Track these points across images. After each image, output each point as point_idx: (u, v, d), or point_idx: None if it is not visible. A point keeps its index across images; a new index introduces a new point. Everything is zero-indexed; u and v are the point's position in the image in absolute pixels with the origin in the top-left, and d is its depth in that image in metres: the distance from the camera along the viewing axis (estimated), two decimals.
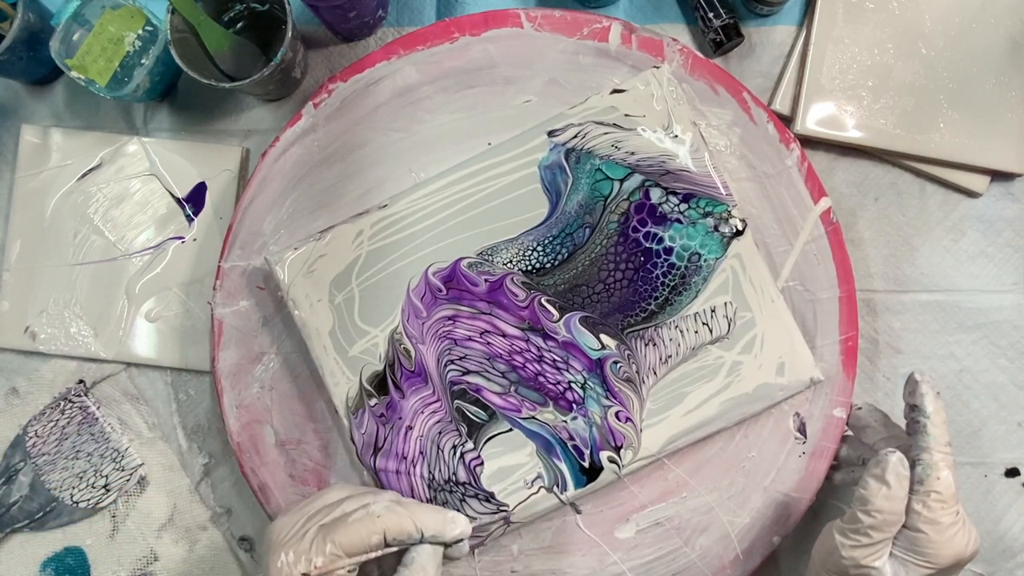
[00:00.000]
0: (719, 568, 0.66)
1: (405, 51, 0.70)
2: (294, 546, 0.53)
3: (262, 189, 0.70)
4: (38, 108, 0.76)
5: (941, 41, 0.71)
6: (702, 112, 0.69)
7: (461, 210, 0.67)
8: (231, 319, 0.69)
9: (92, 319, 0.73)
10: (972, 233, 0.72)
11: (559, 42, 0.70)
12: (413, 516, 0.55)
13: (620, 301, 0.66)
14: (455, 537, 0.56)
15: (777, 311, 0.66)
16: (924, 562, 0.54)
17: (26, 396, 0.74)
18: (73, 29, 0.68)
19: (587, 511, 0.67)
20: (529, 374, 0.65)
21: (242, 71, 0.70)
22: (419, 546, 0.55)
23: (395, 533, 0.54)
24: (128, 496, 0.73)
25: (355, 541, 0.53)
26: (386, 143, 0.70)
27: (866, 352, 0.72)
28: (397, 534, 0.54)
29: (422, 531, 0.55)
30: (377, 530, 0.54)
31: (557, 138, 0.67)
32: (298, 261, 0.67)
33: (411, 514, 0.55)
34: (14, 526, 0.72)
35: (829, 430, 0.67)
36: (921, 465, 0.55)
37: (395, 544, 0.55)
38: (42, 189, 0.74)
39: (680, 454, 0.66)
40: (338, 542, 0.53)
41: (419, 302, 0.66)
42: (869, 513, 0.53)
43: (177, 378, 0.74)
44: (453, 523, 0.57)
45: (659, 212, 0.66)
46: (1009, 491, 0.71)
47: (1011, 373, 0.71)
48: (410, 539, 0.55)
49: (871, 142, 0.70)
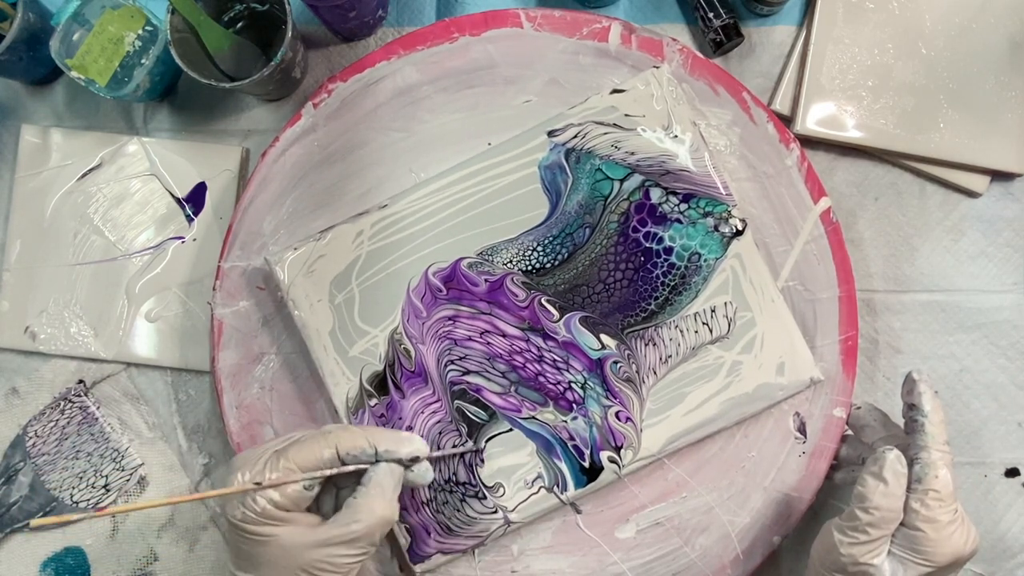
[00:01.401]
0: (719, 568, 0.66)
1: (405, 51, 0.70)
2: (250, 467, 0.53)
3: (262, 189, 0.70)
4: (38, 108, 0.76)
5: (941, 41, 0.71)
6: (702, 112, 0.69)
7: (461, 210, 0.67)
8: (231, 319, 0.69)
9: (92, 319, 0.73)
10: (972, 233, 0.72)
11: (559, 42, 0.70)
12: (366, 433, 0.55)
13: (620, 301, 0.66)
14: (410, 454, 0.56)
15: (777, 311, 0.66)
16: (922, 560, 0.54)
17: (26, 396, 0.74)
18: (73, 29, 0.68)
19: (587, 511, 0.67)
20: (529, 374, 0.65)
21: (242, 71, 0.70)
22: (376, 465, 0.55)
23: (347, 447, 0.54)
24: (128, 496, 0.73)
25: (307, 456, 0.53)
26: (386, 143, 0.70)
27: (866, 352, 0.72)
28: (350, 448, 0.54)
29: (375, 447, 0.55)
30: (328, 444, 0.54)
31: (557, 138, 0.67)
32: (298, 261, 0.67)
33: (365, 432, 0.55)
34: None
35: (829, 430, 0.67)
36: (919, 464, 0.55)
37: (350, 460, 0.54)
38: (42, 189, 0.74)
39: (680, 454, 0.66)
40: (291, 457, 0.53)
41: (419, 302, 0.66)
42: (867, 510, 0.54)
43: (177, 378, 0.74)
44: (409, 441, 0.56)
45: (659, 212, 0.66)
46: (1009, 491, 0.71)
47: (1011, 373, 0.71)
48: (363, 454, 0.54)
49: (871, 142, 0.70)
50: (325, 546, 0.53)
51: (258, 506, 0.52)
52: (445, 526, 0.65)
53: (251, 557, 0.53)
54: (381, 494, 0.54)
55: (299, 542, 0.52)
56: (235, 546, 0.54)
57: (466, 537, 0.65)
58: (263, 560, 0.53)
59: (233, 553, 0.55)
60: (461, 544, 0.65)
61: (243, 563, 0.54)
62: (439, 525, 0.65)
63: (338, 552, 0.53)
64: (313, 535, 0.53)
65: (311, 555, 0.52)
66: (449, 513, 0.65)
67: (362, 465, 0.55)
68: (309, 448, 0.54)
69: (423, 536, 0.65)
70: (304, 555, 0.52)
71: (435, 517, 0.65)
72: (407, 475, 0.56)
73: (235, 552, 0.54)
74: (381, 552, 0.67)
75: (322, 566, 0.53)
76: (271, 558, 0.52)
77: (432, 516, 0.65)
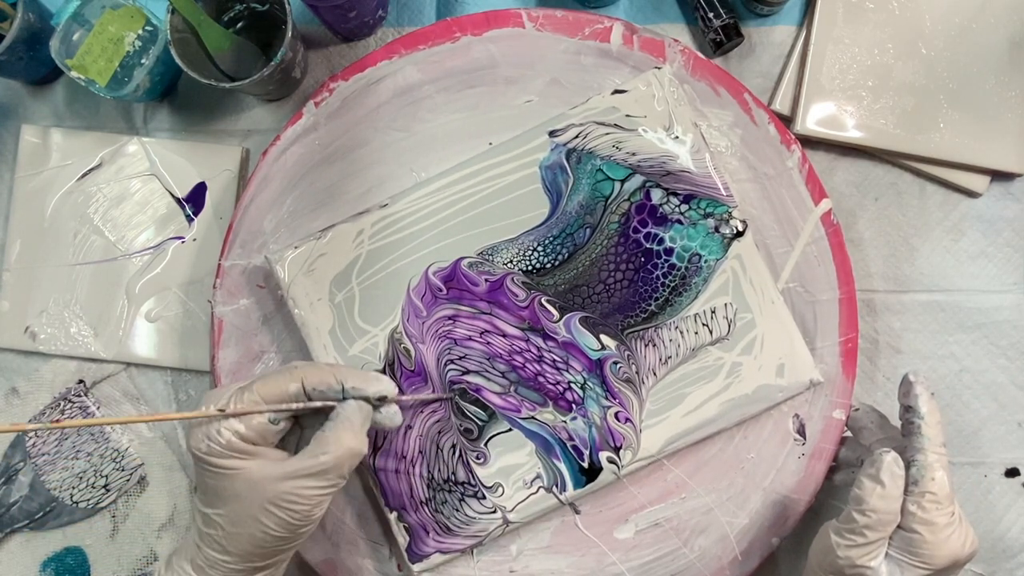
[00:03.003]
0: (718, 569, 0.66)
1: (406, 50, 0.70)
2: (215, 400, 0.53)
3: (263, 188, 0.70)
4: (38, 108, 0.76)
5: (941, 41, 0.71)
6: (703, 113, 0.69)
7: (462, 210, 0.67)
8: (231, 317, 0.70)
9: (92, 319, 0.73)
10: (972, 233, 0.72)
11: (560, 42, 0.70)
12: (333, 370, 0.55)
13: (620, 301, 0.66)
14: (378, 392, 0.55)
15: (777, 312, 0.66)
16: (920, 563, 0.54)
17: (26, 396, 0.74)
18: (73, 29, 0.68)
19: (586, 511, 0.67)
20: (529, 374, 0.65)
21: (242, 71, 0.70)
22: (344, 402, 0.55)
23: (313, 382, 0.54)
24: (128, 496, 0.73)
25: (272, 390, 0.53)
26: (387, 142, 0.70)
27: (866, 352, 0.72)
28: (316, 383, 0.54)
29: (342, 383, 0.54)
30: (295, 379, 0.54)
31: (558, 138, 0.67)
32: (298, 260, 0.67)
33: (332, 369, 0.55)
34: (14, 526, 0.72)
35: (828, 431, 0.67)
36: (916, 466, 0.55)
37: (316, 396, 0.54)
38: (42, 189, 0.74)
39: (679, 455, 0.66)
40: (256, 390, 0.53)
41: (419, 301, 0.66)
42: (864, 512, 0.54)
43: (177, 378, 0.74)
44: (377, 380, 0.56)
45: (660, 213, 0.66)
46: (1009, 491, 0.71)
47: (1011, 373, 0.71)
48: (330, 390, 0.54)
49: (871, 142, 0.70)
50: (293, 478, 0.52)
51: (223, 438, 0.52)
52: (444, 526, 0.65)
53: (218, 491, 0.53)
54: (350, 427, 0.54)
55: (266, 475, 0.52)
56: (201, 481, 0.54)
57: (465, 537, 0.65)
58: (230, 494, 0.52)
59: (200, 490, 0.54)
60: (460, 544, 0.65)
61: (210, 498, 0.53)
62: (438, 525, 0.65)
63: (307, 484, 0.52)
64: (281, 468, 0.52)
65: (279, 487, 0.52)
66: (448, 513, 0.65)
67: (329, 402, 0.55)
68: (275, 381, 0.54)
69: (421, 536, 0.65)
70: (272, 488, 0.52)
71: (434, 517, 0.65)
72: (375, 416, 0.56)
73: (202, 488, 0.54)
74: (379, 551, 0.67)
75: (291, 498, 0.52)
76: (238, 492, 0.52)
77: (431, 515, 0.65)
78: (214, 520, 0.53)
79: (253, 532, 0.52)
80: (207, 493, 0.54)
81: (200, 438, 0.52)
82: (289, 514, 0.52)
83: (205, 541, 0.54)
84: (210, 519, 0.53)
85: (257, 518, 0.52)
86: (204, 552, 0.54)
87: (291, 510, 0.52)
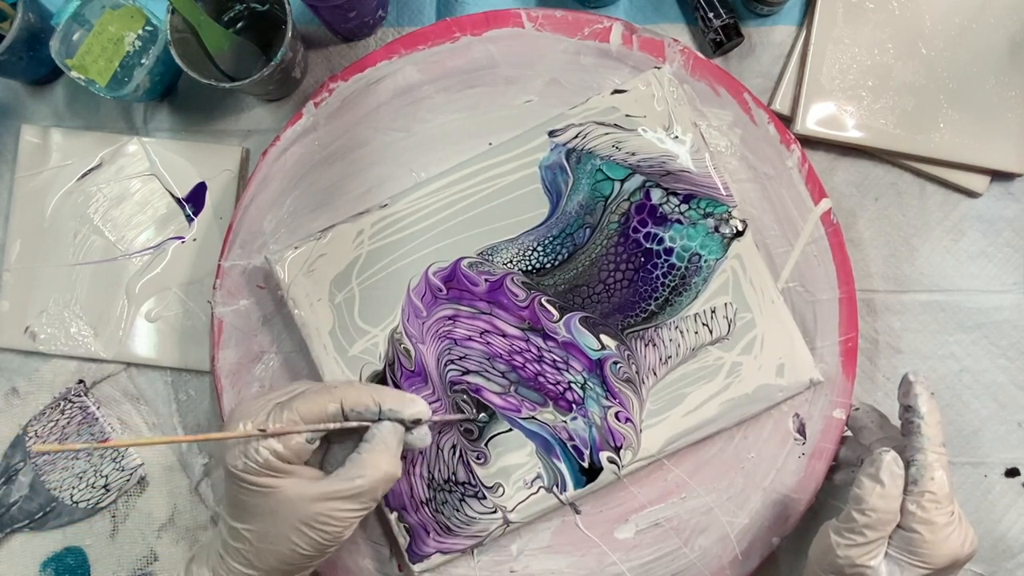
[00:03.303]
0: (718, 569, 0.66)
1: (406, 50, 0.70)
2: (252, 417, 0.53)
3: (263, 188, 0.70)
4: (38, 108, 0.76)
5: (941, 41, 0.71)
6: (703, 113, 0.69)
7: (461, 210, 0.67)
8: (231, 318, 0.69)
9: (92, 319, 0.73)
10: (972, 233, 0.72)
11: (560, 42, 0.70)
12: (371, 391, 0.55)
13: (620, 301, 0.66)
14: (414, 415, 0.56)
15: (777, 312, 0.66)
16: (920, 562, 0.54)
17: (26, 396, 0.74)
18: (73, 29, 0.68)
19: (586, 511, 0.67)
20: (529, 374, 0.65)
21: (242, 71, 0.70)
22: (380, 423, 0.55)
23: (352, 403, 0.54)
24: (128, 496, 0.73)
25: (312, 409, 0.53)
26: (387, 142, 0.70)
27: (866, 352, 0.72)
28: (354, 404, 0.54)
29: (380, 404, 0.55)
30: (334, 399, 0.54)
31: (558, 138, 0.67)
32: (298, 260, 0.67)
33: (370, 390, 0.56)
34: (14, 526, 0.72)
35: (828, 431, 0.67)
36: (915, 466, 0.55)
37: (353, 417, 0.55)
38: (42, 189, 0.74)
39: (679, 455, 0.66)
40: (295, 408, 0.53)
41: (419, 302, 0.66)
42: (864, 512, 0.54)
43: (177, 378, 0.74)
44: (413, 402, 0.56)
45: (660, 213, 0.66)
46: (1009, 491, 0.71)
47: (1011, 373, 0.71)
48: (367, 411, 0.55)
49: (871, 142, 0.70)
50: (328, 500, 0.52)
51: (260, 456, 0.52)
52: (444, 526, 0.65)
53: (250, 508, 0.53)
54: (385, 450, 0.54)
55: (301, 494, 0.52)
56: (233, 497, 0.54)
57: (465, 537, 0.65)
58: (262, 511, 0.53)
59: (230, 504, 0.54)
60: (460, 544, 0.65)
61: (240, 513, 0.53)
62: (438, 525, 0.65)
63: (340, 507, 0.53)
64: (316, 488, 0.53)
65: (313, 508, 0.52)
66: (448, 513, 0.65)
67: (364, 422, 0.55)
68: (314, 401, 0.54)
69: (422, 536, 0.65)
70: (305, 508, 0.52)
71: (434, 517, 0.65)
72: (407, 437, 0.57)
73: (233, 503, 0.54)
74: (380, 552, 0.67)
75: (323, 520, 0.53)
76: (271, 509, 0.52)
77: (431, 516, 0.65)
78: (243, 535, 0.53)
79: (282, 549, 0.53)
80: (238, 508, 0.54)
81: (237, 455, 0.52)
82: (320, 535, 0.53)
83: (230, 554, 0.54)
84: (238, 533, 0.53)
85: (288, 536, 0.52)
86: (228, 563, 0.54)
87: (323, 531, 0.53)
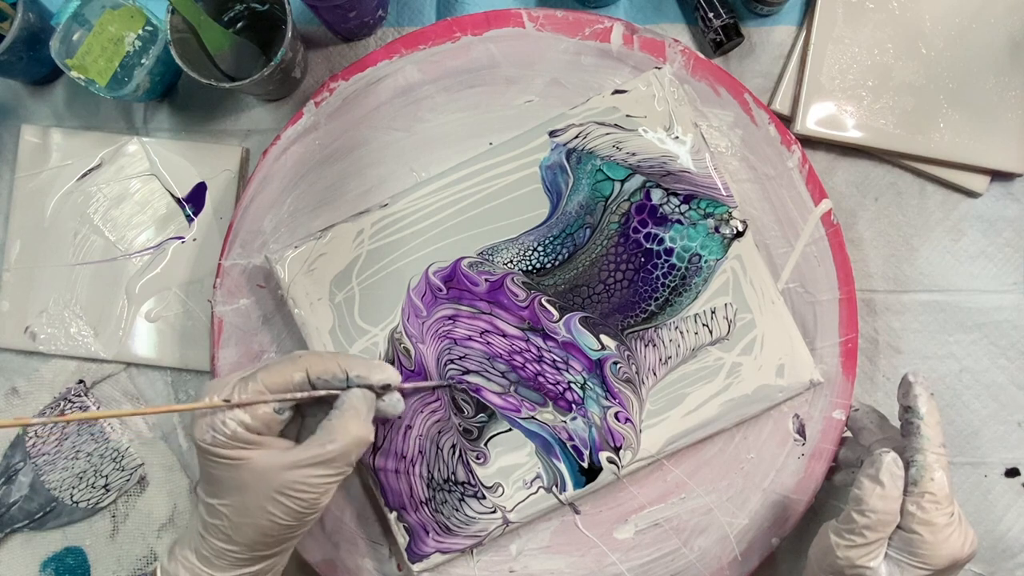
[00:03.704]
0: (717, 569, 0.66)
1: (407, 50, 0.70)
2: (219, 391, 0.53)
3: (263, 187, 0.70)
4: (38, 108, 0.76)
5: (941, 41, 0.71)
6: (703, 113, 0.69)
7: (462, 210, 0.67)
8: (231, 317, 0.70)
9: (92, 319, 0.73)
10: (972, 233, 0.72)
11: (561, 42, 0.70)
12: (337, 358, 0.55)
13: (620, 302, 0.66)
14: (382, 380, 0.56)
15: (777, 313, 0.66)
16: (920, 563, 0.54)
17: (26, 396, 0.74)
18: (73, 29, 0.68)
19: (586, 511, 0.67)
20: (529, 374, 0.65)
21: (242, 71, 0.70)
22: (349, 390, 0.55)
23: (318, 371, 0.54)
24: (128, 496, 0.73)
25: (277, 379, 0.53)
26: (387, 142, 0.70)
27: (866, 352, 0.72)
28: (321, 372, 0.54)
29: (347, 371, 0.55)
30: (299, 368, 0.54)
31: (558, 138, 0.67)
32: (298, 259, 0.67)
33: (336, 357, 0.55)
34: (14, 526, 0.72)
35: (828, 432, 0.67)
36: (915, 466, 0.55)
37: (320, 385, 0.55)
38: (42, 189, 0.74)
39: (679, 455, 0.66)
40: (260, 379, 0.53)
41: (419, 301, 0.66)
42: (864, 513, 0.54)
43: (177, 378, 0.74)
44: (380, 368, 0.56)
45: (660, 213, 0.66)
46: (1009, 491, 0.71)
47: (1011, 373, 0.71)
48: (335, 379, 0.55)
49: (871, 142, 0.70)
50: (300, 467, 0.52)
51: (228, 428, 0.52)
52: (443, 525, 0.65)
53: (223, 482, 0.53)
54: (356, 415, 0.54)
55: (273, 464, 0.52)
56: (206, 473, 0.54)
57: (464, 537, 0.65)
58: (235, 484, 0.52)
59: (205, 480, 0.54)
60: (459, 544, 0.65)
61: (215, 489, 0.53)
62: (437, 524, 0.65)
63: (314, 473, 0.53)
64: (287, 457, 0.52)
65: (286, 476, 0.52)
66: (448, 512, 0.65)
67: (333, 391, 0.55)
68: (279, 371, 0.54)
69: (421, 535, 0.65)
70: (279, 477, 0.52)
71: (434, 516, 0.65)
72: (378, 404, 0.57)
73: (206, 479, 0.54)
74: (379, 551, 0.67)
75: (298, 487, 0.52)
76: (244, 482, 0.52)
77: (431, 515, 0.65)
78: (219, 511, 0.53)
79: (260, 521, 0.52)
80: (212, 484, 0.53)
81: (204, 429, 0.52)
82: (297, 503, 0.53)
83: (210, 531, 0.54)
84: (215, 509, 0.53)
85: (264, 507, 0.52)
86: (209, 542, 0.53)
87: (299, 499, 0.53)
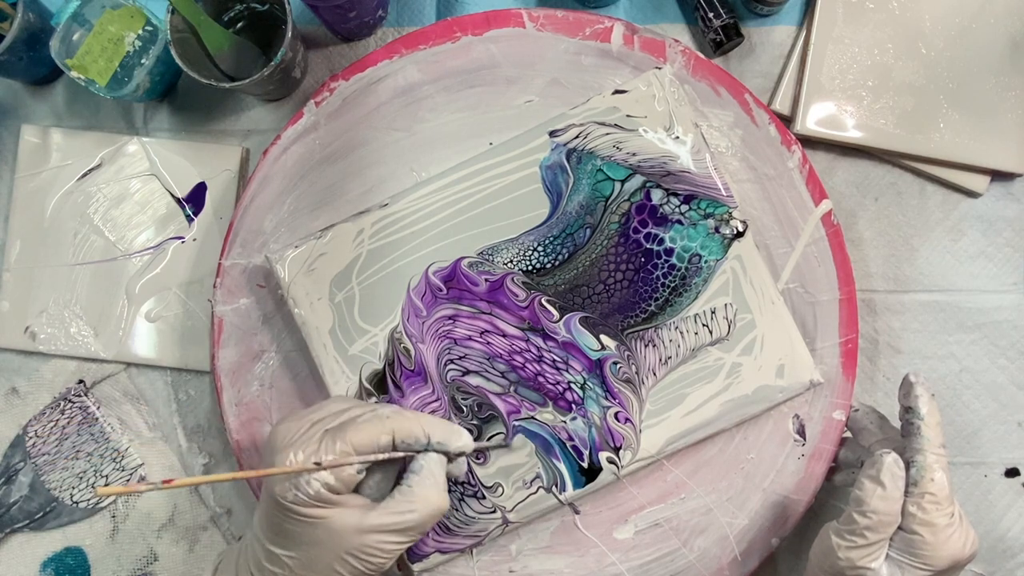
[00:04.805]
0: (717, 570, 0.66)
1: (407, 50, 0.70)
2: (303, 447, 0.52)
3: (263, 187, 0.70)
4: (38, 108, 0.76)
5: (941, 41, 0.71)
6: (704, 113, 0.69)
7: (462, 210, 0.67)
8: (231, 317, 0.70)
9: (92, 319, 0.73)
10: (972, 233, 0.72)
11: (561, 42, 0.70)
12: (420, 421, 0.55)
13: (620, 302, 0.66)
14: (460, 448, 0.56)
15: (777, 313, 0.66)
16: (920, 564, 0.54)
17: (26, 396, 0.74)
18: (73, 29, 0.68)
19: (586, 511, 0.67)
20: (529, 374, 0.65)
21: (242, 71, 0.70)
22: (427, 454, 0.55)
23: (403, 435, 0.54)
24: (128, 496, 0.73)
25: (364, 440, 0.53)
26: (387, 142, 0.70)
27: (866, 352, 0.72)
28: (405, 436, 0.54)
29: (429, 436, 0.55)
30: (386, 430, 0.54)
31: (558, 138, 0.67)
32: (299, 259, 0.67)
33: (419, 420, 0.55)
34: (14, 526, 0.72)
35: (828, 432, 0.67)
36: (915, 467, 0.55)
37: (402, 448, 0.55)
38: (42, 189, 0.74)
39: (679, 455, 0.66)
40: (348, 440, 0.52)
41: (419, 301, 0.66)
42: (864, 514, 0.54)
43: (177, 378, 0.74)
44: (458, 434, 0.56)
45: (660, 213, 0.66)
46: (1009, 491, 0.71)
47: (1011, 373, 0.71)
48: (417, 443, 0.55)
49: (871, 142, 0.70)
50: (377, 532, 0.52)
51: (311, 489, 0.51)
52: (443, 525, 0.65)
53: (294, 536, 0.52)
54: (435, 483, 0.54)
55: (349, 525, 0.52)
56: (276, 524, 0.53)
57: (464, 536, 0.65)
58: (307, 540, 0.52)
59: (271, 529, 0.54)
60: (459, 543, 0.65)
61: (282, 540, 0.53)
62: (437, 524, 0.65)
63: (389, 539, 0.53)
64: (365, 520, 0.52)
65: (360, 540, 0.52)
66: (447, 512, 0.65)
67: (411, 452, 0.55)
68: (367, 431, 0.53)
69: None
70: (353, 539, 0.52)
71: None
72: (448, 467, 0.57)
73: (274, 529, 0.53)
74: None
75: (369, 551, 0.52)
76: (317, 539, 0.52)
77: None
78: (283, 560, 0.53)
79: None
80: (280, 534, 0.53)
81: (287, 487, 0.52)
82: (365, 565, 0.53)
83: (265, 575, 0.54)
84: (278, 559, 0.53)
85: (331, 565, 0.52)
86: None
87: (368, 562, 0.53)
